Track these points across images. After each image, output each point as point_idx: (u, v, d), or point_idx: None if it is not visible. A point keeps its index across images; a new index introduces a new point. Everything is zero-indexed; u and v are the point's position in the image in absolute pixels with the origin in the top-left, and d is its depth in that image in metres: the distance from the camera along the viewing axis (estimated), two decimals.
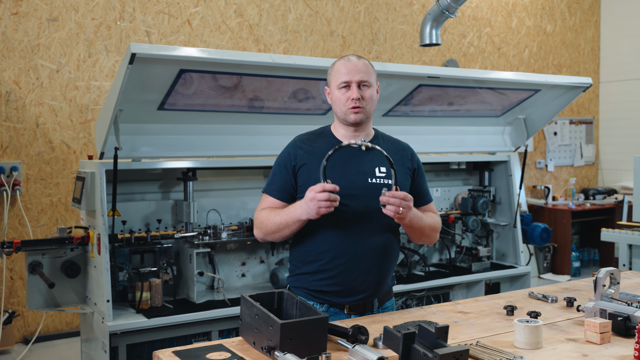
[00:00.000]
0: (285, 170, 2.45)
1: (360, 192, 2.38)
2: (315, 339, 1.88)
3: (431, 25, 3.71)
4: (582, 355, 1.90)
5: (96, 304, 3.52)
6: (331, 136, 2.50)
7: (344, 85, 2.40)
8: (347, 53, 6.39)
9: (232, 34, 5.75)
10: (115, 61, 5.20)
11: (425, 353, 1.71)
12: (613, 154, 8.36)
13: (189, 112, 3.65)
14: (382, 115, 4.24)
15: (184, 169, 3.81)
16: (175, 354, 1.91)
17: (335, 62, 2.47)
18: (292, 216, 2.30)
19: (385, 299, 2.51)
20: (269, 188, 2.49)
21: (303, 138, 2.52)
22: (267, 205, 2.47)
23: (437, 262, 4.86)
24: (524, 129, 4.79)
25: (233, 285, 4.09)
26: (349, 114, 2.40)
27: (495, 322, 2.26)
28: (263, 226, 2.42)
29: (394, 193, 2.21)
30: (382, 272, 2.44)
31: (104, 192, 3.43)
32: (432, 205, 2.63)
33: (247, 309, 2.00)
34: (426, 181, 2.64)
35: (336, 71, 2.43)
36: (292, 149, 2.48)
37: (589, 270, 7.49)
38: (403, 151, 2.57)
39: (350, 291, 2.37)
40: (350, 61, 2.41)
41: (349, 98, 2.38)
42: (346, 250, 2.37)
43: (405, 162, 2.53)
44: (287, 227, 2.34)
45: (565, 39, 8.16)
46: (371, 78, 2.42)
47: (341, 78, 2.40)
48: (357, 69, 2.39)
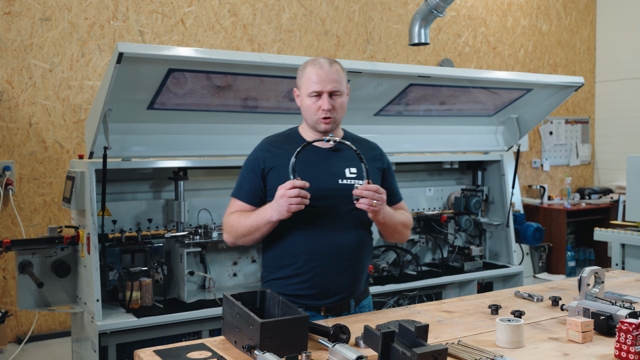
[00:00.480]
0: (253, 173, 2.43)
1: (330, 193, 2.37)
2: (295, 338, 1.88)
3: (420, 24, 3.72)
4: (563, 354, 1.90)
5: (86, 303, 3.52)
6: (300, 138, 2.48)
7: (315, 94, 2.37)
8: (342, 53, 6.39)
9: (226, 33, 5.75)
10: (108, 61, 5.20)
11: (404, 352, 1.71)
12: (609, 154, 8.36)
13: (179, 112, 3.64)
14: (373, 114, 4.24)
15: (175, 169, 3.81)
16: (156, 353, 1.91)
17: (306, 67, 2.42)
18: (262, 218, 2.29)
19: (361, 297, 2.51)
20: (238, 192, 2.47)
21: (271, 140, 2.50)
22: (236, 209, 2.45)
23: (430, 262, 4.86)
24: (517, 129, 4.79)
25: (224, 284, 4.09)
26: (319, 123, 2.38)
27: (479, 321, 2.26)
28: (233, 230, 2.39)
29: (367, 186, 2.22)
30: (357, 272, 2.43)
31: (93, 191, 3.43)
32: (403, 204, 2.64)
33: (229, 308, 2.00)
34: (396, 180, 2.64)
35: (307, 78, 2.39)
36: (261, 152, 2.46)
37: None
38: (372, 151, 2.57)
39: (326, 293, 2.36)
40: (323, 68, 2.36)
41: (320, 108, 2.36)
42: (319, 252, 2.35)
43: (375, 162, 2.53)
44: (257, 230, 2.33)
45: (561, 39, 8.15)
46: (342, 86, 2.40)
47: (312, 87, 2.36)
48: (329, 78, 2.35)
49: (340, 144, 2.34)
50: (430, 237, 4.76)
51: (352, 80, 3.70)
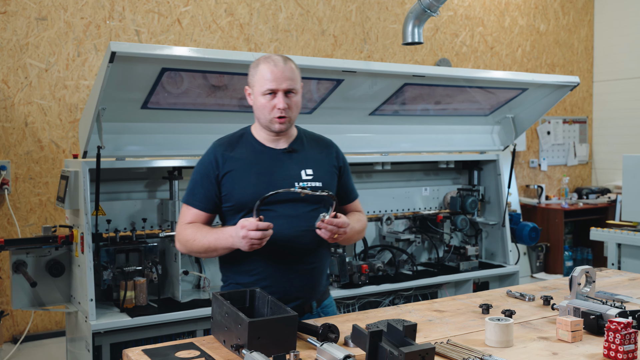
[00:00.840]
0: (207, 179, 2.34)
1: (287, 196, 2.29)
2: (284, 337, 1.88)
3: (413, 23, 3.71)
4: (552, 354, 1.90)
5: (80, 303, 3.51)
6: (253, 139, 2.40)
7: (269, 92, 2.28)
8: (339, 52, 6.38)
9: (223, 33, 5.75)
10: None
11: (391, 351, 1.70)
12: (607, 154, 8.35)
13: (173, 111, 3.64)
14: (368, 114, 4.24)
15: (170, 168, 3.81)
16: (144, 352, 1.91)
17: (259, 64, 2.32)
18: (222, 244, 2.21)
19: (323, 298, 2.45)
20: (191, 199, 2.37)
21: (223, 143, 2.40)
22: (191, 218, 2.35)
23: (426, 262, 4.85)
24: (513, 128, 4.79)
25: (219, 284, 4.03)
26: (274, 123, 2.31)
27: (470, 320, 2.25)
28: (188, 245, 2.31)
29: (332, 221, 2.16)
30: (317, 274, 2.38)
31: (87, 191, 3.43)
32: (358, 203, 2.57)
33: (218, 307, 2.00)
34: (351, 178, 2.58)
35: (261, 75, 2.29)
36: (213, 155, 2.36)
37: None
38: (328, 149, 2.50)
39: (288, 297, 2.29)
40: (277, 66, 2.28)
41: (275, 107, 2.28)
42: (279, 256, 2.29)
43: (331, 161, 2.47)
44: (215, 251, 2.26)
45: (559, 38, 8.15)
46: (297, 84, 2.32)
47: (266, 85, 2.27)
48: (284, 76, 2.27)
49: (312, 190, 2.25)
50: (426, 236, 4.76)
51: (347, 79, 3.70)
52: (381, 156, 4.41)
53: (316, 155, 2.42)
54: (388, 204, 4.72)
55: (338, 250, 4.14)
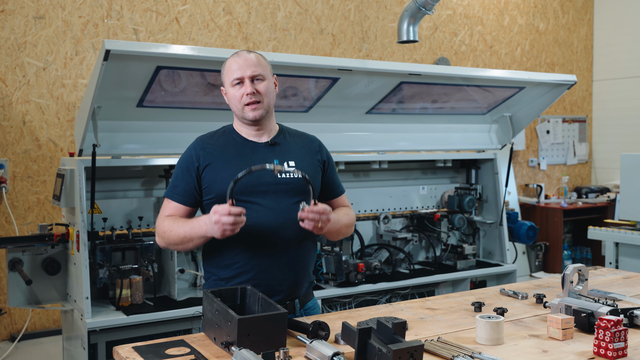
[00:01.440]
0: (187, 173, 2.35)
1: (270, 188, 2.30)
2: (274, 335, 1.88)
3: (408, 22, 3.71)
4: (542, 351, 1.89)
5: (76, 301, 3.52)
6: (235, 134, 2.42)
7: (237, 82, 2.32)
8: (338, 51, 6.38)
9: (221, 32, 5.75)
10: None
11: (380, 348, 1.70)
12: (606, 153, 8.34)
13: (169, 109, 3.64)
14: (365, 112, 4.24)
15: (166, 166, 3.81)
16: (134, 349, 1.91)
17: (226, 61, 2.39)
18: (197, 232, 2.21)
19: (306, 299, 2.43)
20: (172, 192, 2.38)
21: (205, 137, 2.43)
22: (171, 211, 2.36)
23: (423, 260, 4.85)
24: (510, 127, 4.79)
25: None
26: (246, 111, 2.32)
27: (462, 318, 2.25)
28: (165, 236, 2.31)
29: (312, 208, 2.15)
30: (301, 268, 2.36)
31: (82, 189, 3.43)
32: (344, 197, 2.57)
33: (208, 305, 2.00)
34: (337, 173, 2.58)
35: (227, 69, 2.35)
36: (194, 150, 2.38)
37: None
38: (310, 144, 2.50)
39: (271, 291, 2.27)
40: (241, 56, 2.34)
41: (244, 94, 2.30)
42: (261, 248, 2.28)
43: (314, 155, 2.47)
44: (191, 241, 2.25)
45: (558, 37, 8.14)
46: (265, 71, 2.34)
47: (233, 75, 2.31)
48: (248, 63, 2.31)
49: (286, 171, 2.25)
50: (423, 235, 4.76)
51: (343, 77, 3.70)
52: (378, 155, 4.41)
53: (298, 149, 2.42)
54: (385, 203, 4.72)
55: (335, 249, 4.14)
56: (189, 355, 1.85)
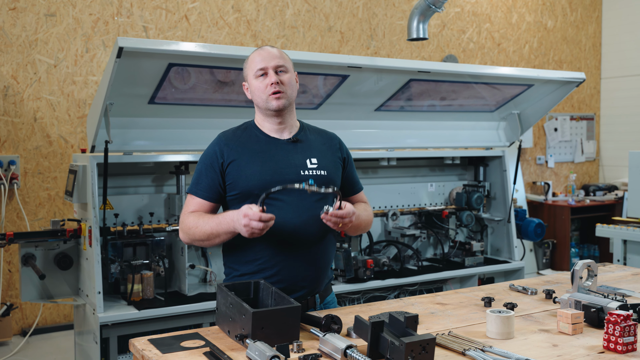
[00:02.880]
0: (211, 168, 2.36)
1: (292, 183, 2.27)
2: (287, 328, 1.91)
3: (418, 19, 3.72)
4: (552, 346, 1.92)
5: (88, 295, 3.56)
6: (257, 130, 2.43)
7: (261, 73, 2.35)
8: (346, 49, 6.40)
9: (230, 29, 5.78)
10: None
11: (393, 341, 1.73)
12: (614, 150, 8.34)
13: (180, 106, 3.67)
14: (374, 110, 4.26)
15: (177, 163, 3.84)
16: (150, 341, 1.94)
17: (249, 55, 2.43)
18: (224, 228, 2.22)
19: (325, 294, 2.46)
20: (195, 188, 2.39)
21: (228, 134, 2.44)
22: (195, 207, 2.37)
23: (431, 257, 4.87)
24: (518, 124, 4.80)
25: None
26: (270, 100, 2.33)
27: (472, 313, 2.28)
28: (191, 232, 2.31)
29: (335, 213, 2.17)
30: (322, 264, 2.39)
31: (95, 185, 3.47)
32: (363, 194, 2.60)
33: (223, 298, 2.03)
34: (355, 169, 2.61)
35: (251, 61, 2.39)
36: (218, 146, 2.39)
37: None
38: (331, 141, 2.52)
39: (293, 287, 2.30)
40: (264, 49, 2.39)
41: (268, 84, 2.32)
42: (285, 245, 2.30)
43: (335, 152, 2.49)
44: (217, 237, 2.26)
45: (566, 35, 8.14)
46: (287, 64, 2.38)
47: (257, 66, 2.35)
48: (271, 56, 2.36)
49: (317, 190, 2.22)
50: (431, 232, 4.78)
51: (352, 75, 3.73)
52: (387, 152, 4.43)
53: (320, 146, 2.45)
54: (394, 200, 4.75)
55: (343, 245, 4.17)
56: (204, 348, 1.88)
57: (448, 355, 1.82)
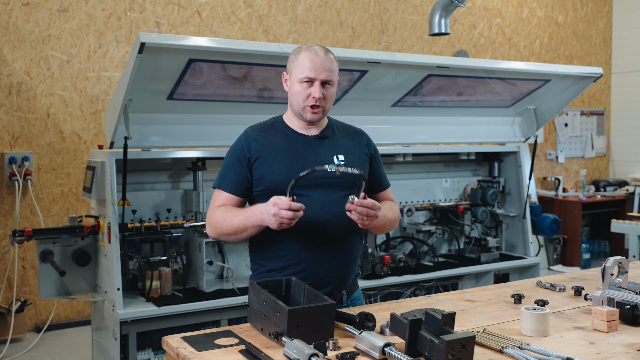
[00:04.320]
0: (239, 163, 2.33)
1: (320, 181, 2.28)
2: (322, 325, 1.89)
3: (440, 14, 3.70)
4: (589, 343, 1.90)
5: (107, 292, 3.55)
6: (285, 126, 2.40)
7: (306, 80, 2.27)
8: (357, 44, 6.38)
9: (242, 24, 5.76)
10: (125, 52, 5.23)
11: (432, 339, 1.72)
12: (624, 146, 8.31)
13: (198, 102, 3.66)
14: (391, 105, 4.24)
15: (194, 159, 3.83)
16: (184, 339, 1.93)
17: (300, 52, 2.32)
18: (252, 221, 2.20)
19: (352, 290, 2.44)
20: (222, 183, 2.36)
21: (255, 129, 2.40)
22: (222, 201, 2.34)
23: (446, 253, 4.86)
24: (534, 120, 4.78)
25: (242, 274, 4.11)
26: (307, 112, 2.29)
27: (503, 310, 2.26)
28: (218, 227, 2.29)
29: (362, 202, 2.14)
30: (349, 260, 2.37)
31: (114, 181, 3.45)
32: (390, 192, 2.56)
33: (255, 296, 2.02)
34: (383, 166, 2.57)
35: (300, 63, 2.28)
36: (245, 141, 2.35)
37: (599, 262, 7.47)
38: (359, 137, 2.49)
39: (320, 283, 2.27)
40: (318, 55, 2.27)
41: (310, 95, 2.27)
42: (312, 241, 2.27)
43: (362, 149, 2.46)
44: (245, 231, 2.24)
45: (577, 30, 8.10)
46: (335, 76, 2.30)
47: (305, 73, 2.26)
48: (324, 67, 2.26)
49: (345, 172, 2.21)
50: (446, 228, 4.76)
51: (371, 70, 3.71)
52: (403, 147, 4.41)
53: (347, 143, 2.43)
54: (409, 196, 4.73)
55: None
56: (239, 346, 1.87)
57: (486, 353, 1.81)
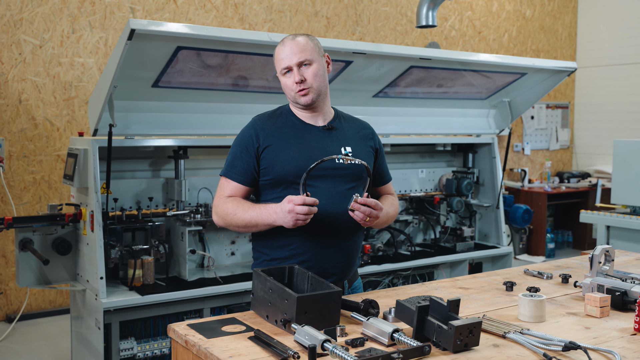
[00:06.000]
0: (247, 152, 2.35)
1: (327, 172, 2.32)
2: (329, 312, 1.92)
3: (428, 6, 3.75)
4: (585, 328, 1.98)
5: (88, 281, 3.51)
6: (292, 115, 2.43)
7: (285, 71, 2.33)
8: (332, 34, 6.40)
9: (217, 12, 5.72)
10: (99, 37, 5.14)
11: (440, 325, 1.76)
12: (587, 138, 8.54)
13: (183, 90, 3.64)
14: (372, 96, 4.28)
15: (175, 147, 3.81)
16: (191, 327, 1.94)
17: (275, 48, 2.40)
18: (264, 219, 2.23)
19: (353, 279, 2.49)
20: (230, 172, 2.37)
21: (263, 118, 2.43)
22: (230, 191, 2.37)
23: (422, 242, 4.94)
24: (509, 112, 4.88)
25: (223, 263, 4.12)
26: (298, 98, 2.34)
27: (497, 297, 2.33)
28: (228, 219, 2.32)
29: (366, 200, 2.18)
30: (352, 251, 2.40)
31: (97, 169, 3.42)
32: (390, 186, 2.61)
33: (260, 284, 2.04)
34: (385, 160, 2.61)
35: (276, 58, 2.37)
36: (253, 129, 2.37)
37: (563, 252, 7.69)
38: (364, 130, 2.52)
39: (324, 274, 2.29)
40: (286, 44, 2.34)
41: (293, 82, 2.32)
42: (317, 231, 2.30)
43: (368, 142, 2.49)
44: (255, 227, 2.28)
45: (544, 24, 8.27)
46: (311, 55, 2.33)
47: (281, 64, 2.34)
48: (293, 51, 2.31)
49: (352, 161, 2.30)
50: (422, 218, 4.84)
51: (356, 61, 3.74)
52: (382, 138, 4.46)
53: (354, 135, 2.45)
54: None
55: None
56: (247, 332, 1.89)
57: (489, 338, 1.87)
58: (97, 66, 5.15)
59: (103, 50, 5.16)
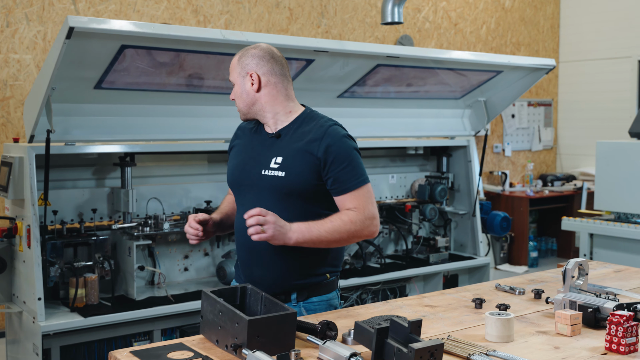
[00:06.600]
0: (229, 153, 2.71)
1: (253, 182, 2.49)
2: (283, 336, 1.97)
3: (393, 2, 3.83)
4: (554, 348, 2.06)
5: (25, 302, 3.51)
6: (258, 122, 2.61)
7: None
8: (295, 27, 6.45)
9: (169, 3, 5.73)
10: (37, 31, 5.12)
11: (400, 348, 1.83)
12: (572, 138, 8.71)
13: (128, 92, 3.66)
14: (336, 96, 4.35)
15: (122, 154, 3.83)
16: (133, 354, 1.97)
17: None
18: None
19: (312, 293, 2.51)
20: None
21: (243, 122, 2.70)
22: (229, 190, 2.74)
23: (393, 254, 5.02)
24: (485, 112, 4.99)
25: (175, 280, 4.15)
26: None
27: (464, 315, 2.40)
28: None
29: (248, 212, 2.27)
30: (287, 267, 2.45)
31: (33, 179, 3.42)
32: (350, 198, 2.42)
33: (210, 306, 2.08)
34: (348, 168, 2.42)
35: None
36: (236, 130, 2.72)
37: (547, 261, 7.83)
38: (314, 142, 2.41)
39: (257, 285, 2.32)
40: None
41: None
42: (244, 243, 2.50)
43: (311, 151, 2.41)
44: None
45: (524, 16, 8.42)
46: (232, 76, 2.54)
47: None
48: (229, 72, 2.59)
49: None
50: (393, 227, 4.91)
51: (318, 59, 3.80)
52: None
53: (296, 143, 2.44)
54: None
55: None
56: (196, 359, 1.93)
57: None
58: (35, 63, 5.13)
59: (41, 45, 5.15)
